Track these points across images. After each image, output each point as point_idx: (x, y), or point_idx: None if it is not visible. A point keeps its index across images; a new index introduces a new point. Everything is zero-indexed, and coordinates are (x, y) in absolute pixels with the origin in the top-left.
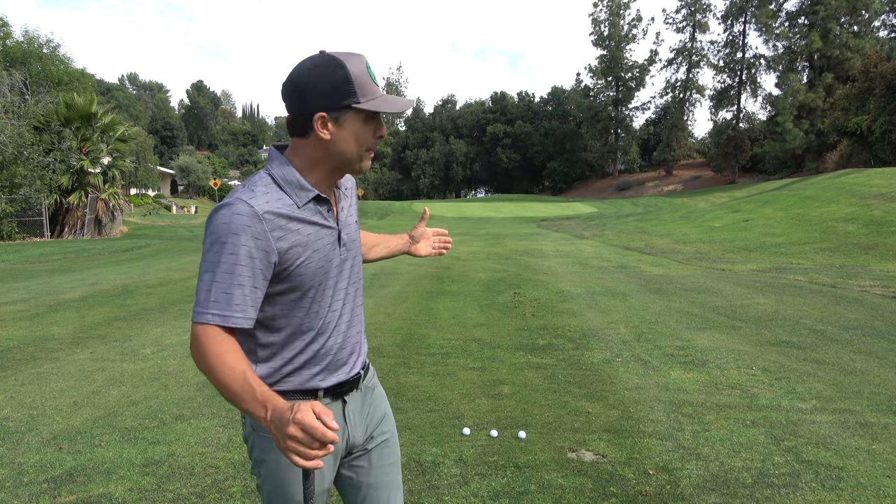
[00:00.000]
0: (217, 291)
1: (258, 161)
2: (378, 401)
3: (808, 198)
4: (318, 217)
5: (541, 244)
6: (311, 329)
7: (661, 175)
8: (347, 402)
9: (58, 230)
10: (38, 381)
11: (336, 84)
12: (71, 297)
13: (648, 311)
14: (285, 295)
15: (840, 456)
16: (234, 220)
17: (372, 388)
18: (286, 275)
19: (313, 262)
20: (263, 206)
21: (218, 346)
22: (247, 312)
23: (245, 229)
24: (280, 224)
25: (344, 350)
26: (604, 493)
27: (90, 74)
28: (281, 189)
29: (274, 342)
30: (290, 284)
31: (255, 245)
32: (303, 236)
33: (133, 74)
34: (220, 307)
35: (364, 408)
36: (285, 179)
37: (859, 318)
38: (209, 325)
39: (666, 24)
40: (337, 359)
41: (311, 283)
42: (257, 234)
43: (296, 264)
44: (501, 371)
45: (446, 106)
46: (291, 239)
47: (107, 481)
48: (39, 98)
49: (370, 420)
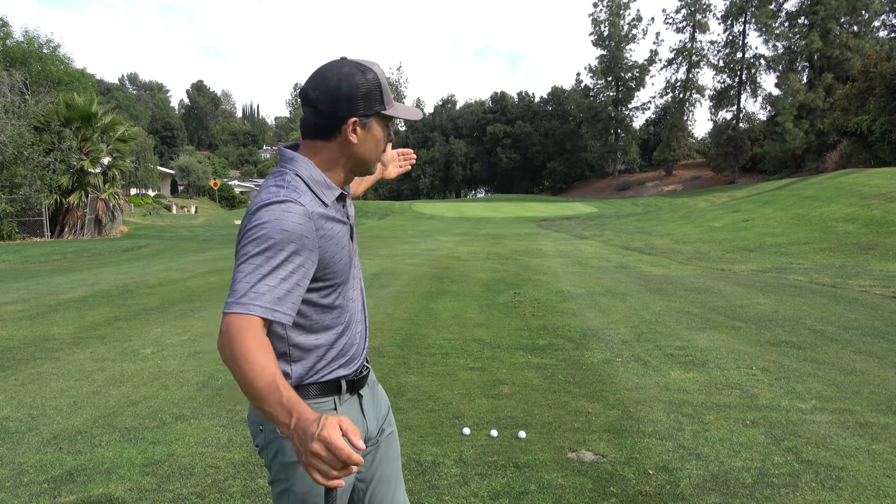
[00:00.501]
0: (263, 284)
1: (258, 161)
2: (382, 395)
3: (808, 198)
4: (340, 214)
5: (541, 244)
6: (341, 324)
7: (661, 175)
8: (363, 397)
9: (58, 230)
10: (38, 381)
11: (370, 91)
12: (71, 297)
13: (648, 311)
14: (321, 293)
15: (840, 456)
16: (287, 217)
17: (376, 381)
18: (324, 273)
19: (342, 259)
20: (311, 206)
21: (252, 339)
22: (289, 308)
23: (297, 227)
24: (321, 224)
25: (360, 341)
26: (604, 493)
27: (90, 74)
28: (310, 189)
29: (308, 341)
30: (326, 282)
31: (307, 244)
32: (335, 234)
33: (133, 74)
34: (264, 300)
35: (374, 401)
36: (314, 180)
37: (859, 318)
38: (249, 315)
39: (666, 24)
40: (358, 349)
41: (342, 279)
42: (307, 234)
43: (332, 262)
44: (501, 371)
45: (446, 106)
46: (329, 237)
47: (107, 481)
48: (39, 98)
49: (379, 413)
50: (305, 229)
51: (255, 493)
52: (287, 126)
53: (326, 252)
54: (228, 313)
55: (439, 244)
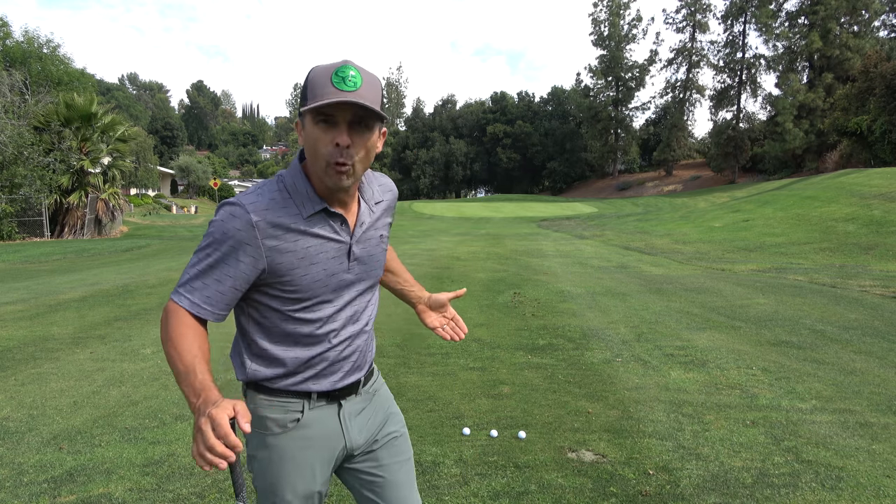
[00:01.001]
0: (198, 281)
1: (258, 161)
2: (382, 403)
3: (808, 198)
4: (325, 230)
5: (541, 244)
6: (307, 337)
7: (661, 175)
8: (343, 406)
9: (58, 230)
10: (38, 381)
11: (303, 89)
12: (71, 297)
13: (648, 311)
14: (283, 302)
15: (840, 456)
16: (230, 221)
17: (374, 392)
18: (280, 283)
19: (311, 275)
20: (262, 214)
21: (180, 326)
22: (217, 308)
23: (236, 232)
24: (276, 234)
25: (344, 361)
26: (604, 493)
27: (90, 74)
28: (290, 197)
29: (269, 346)
30: (286, 294)
31: (244, 250)
32: (301, 248)
33: (133, 74)
34: (195, 296)
35: (366, 412)
36: (294, 188)
37: (859, 318)
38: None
39: (666, 24)
40: (334, 367)
41: (309, 295)
42: (247, 240)
43: (290, 275)
44: (501, 371)
45: (446, 106)
46: (287, 249)
47: (107, 481)
48: (39, 98)
49: (372, 423)
50: (245, 235)
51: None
52: (287, 126)
53: (281, 263)
54: (170, 298)
55: (439, 244)
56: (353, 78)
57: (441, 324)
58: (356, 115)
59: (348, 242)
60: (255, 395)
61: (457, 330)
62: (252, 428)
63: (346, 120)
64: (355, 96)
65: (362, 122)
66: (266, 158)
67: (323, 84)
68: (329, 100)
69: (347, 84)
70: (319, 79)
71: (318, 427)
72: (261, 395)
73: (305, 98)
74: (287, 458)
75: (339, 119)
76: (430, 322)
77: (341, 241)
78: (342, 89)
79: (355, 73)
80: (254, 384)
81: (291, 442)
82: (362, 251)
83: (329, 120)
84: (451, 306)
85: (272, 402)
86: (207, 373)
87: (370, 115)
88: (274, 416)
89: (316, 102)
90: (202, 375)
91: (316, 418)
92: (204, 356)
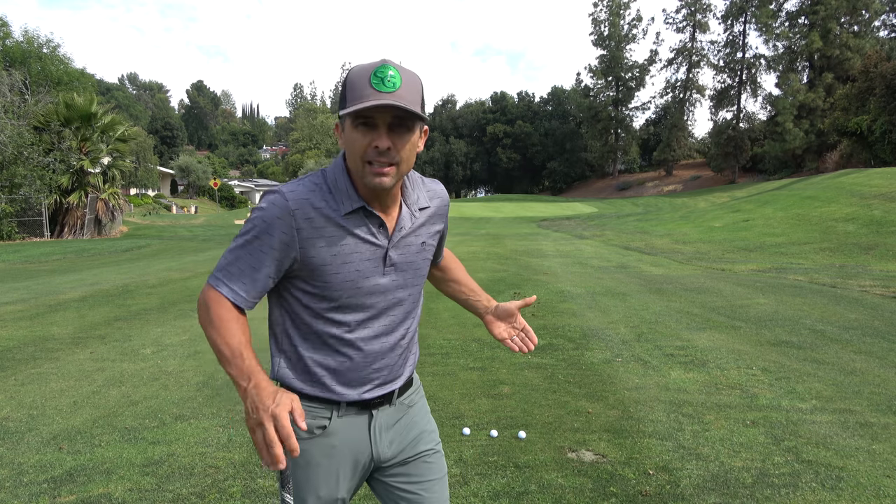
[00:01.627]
0: (235, 266)
1: (258, 161)
2: (416, 418)
3: (808, 198)
4: (361, 230)
5: (541, 244)
6: (334, 340)
7: (661, 175)
8: (375, 416)
9: (58, 230)
10: (38, 381)
11: (342, 90)
12: (71, 297)
13: (648, 311)
14: (313, 299)
15: (840, 456)
16: (269, 209)
17: (410, 405)
18: (312, 278)
19: (342, 274)
20: (300, 203)
21: (224, 310)
22: (251, 296)
23: (274, 220)
24: (311, 224)
25: (374, 372)
26: (604, 493)
27: (90, 74)
28: (330, 192)
29: (297, 344)
30: (317, 290)
31: (280, 238)
32: (335, 244)
33: (133, 74)
34: (233, 282)
35: (399, 424)
36: (335, 184)
37: (859, 318)
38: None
39: (666, 24)
40: (364, 376)
41: (339, 295)
42: (283, 228)
43: (320, 270)
44: (501, 371)
45: (446, 106)
46: (321, 242)
47: (107, 481)
48: (39, 98)
49: (404, 437)
50: (282, 223)
51: (255, 493)
52: (287, 126)
53: (313, 256)
54: (208, 282)
55: None
56: (392, 78)
57: (510, 335)
58: (396, 116)
59: (385, 246)
60: None
61: (526, 341)
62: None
63: (385, 122)
64: (394, 98)
65: (403, 124)
66: (266, 158)
67: (362, 86)
68: (368, 103)
69: (386, 85)
70: (358, 80)
71: (345, 436)
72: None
73: (345, 100)
74: (312, 465)
75: (378, 122)
76: (499, 333)
77: (377, 244)
78: (381, 90)
79: (394, 74)
80: (285, 387)
81: (317, 449)
82: (400, 257)
83: (369, 122)
84: (521, 316)
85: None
86: (254, 358)
87: (410, 115)
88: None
89: (355, 105)
90: (249, 361)
91: (344, 427)
92: (248, 342)
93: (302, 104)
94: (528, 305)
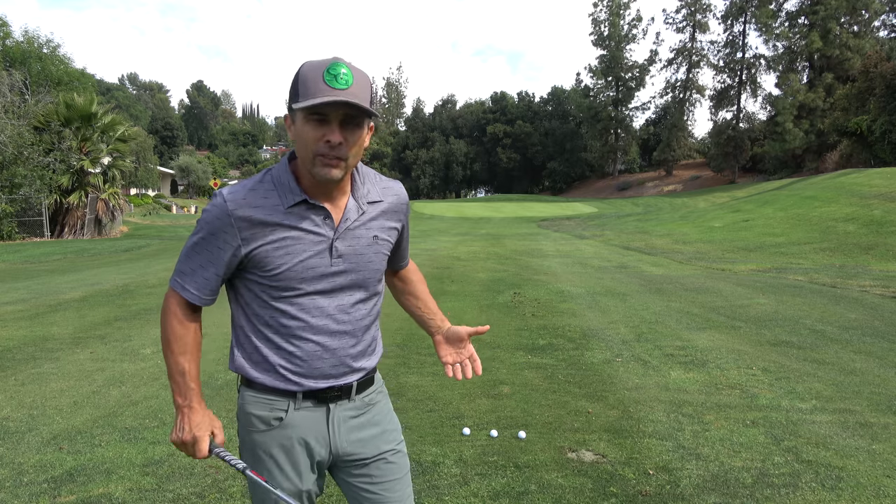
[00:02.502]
0: (186, 265)
1: (258, 161)
2: (378, 417)
3: (808, 198)
4: (305, 223)
5: (541, 244)
6: (284, 328)
7: (661, 175)
8: (332, 410)
9: (58, 230)
10: (38, 381)
11: (293, 84)
12: (71, 297)
13: (648, 311)
14: (263, 289)
15: (840, 456)
16: (210, 211)
17: (371, 403)
18: (259, 270)
19: (287, 265)
20: (238, 204)
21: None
22: (203, 293)
23: (215, 220)
24: (253, 221)
25: (324, 360)
26: (604, 493)
27: (90, 74)
28: (274, 188)
29: (251, 335)
30: (266, 281)
31: (223, 238)
32: (276, 238)
33: (133, 74)
34: (185, 280)
35: (358, 420)
36: (279, 180)
37: (859, 318)
38: (173, 289)
39: (666, 24)
40: (315, 367)
41: (286, 286)
42: (225, 229)
43: (266, 262)
44: (501, 371)
45: (446, 106)
46: (262, 239)
47: (107, 481)
48: (39, 98)
49: (364, 434)
50: (222, 224)
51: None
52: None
53: (257, 252)
54: (169, 283)
55: (439, 244)
56: (344, 76)
57: (453, 361)
58: (348, 113)
59: (330, 237)
60: (244, 391)
61: (466, 370)
62: (239, 424)
63: (337, 118)
64: (347, 95)
65: (353, 121)
66: (266, 158)
67: (315, 81)
68: (322, 98)
69: (339, 82)
70: (311, 75)
71: (302, 428)
72: (248, 391)
73: (297, 94)
74: (270, 456)
75: (331, 117)
76: (444, 356)
77: (322, 234)
78: (335, 87)
79: (347, 72)
80: (245, 380)
81: (274, 440)
82: (348, 248)
83: (321, 118)
84: (470, 343)
85: (258, 399)
86: (195, 378)
87: (361, 113)
88: (258, 413)
89: (308, 101)
90: (191, 380)
91: (301, 420)
92: (194, 353)
93: None
94: (479, 334)
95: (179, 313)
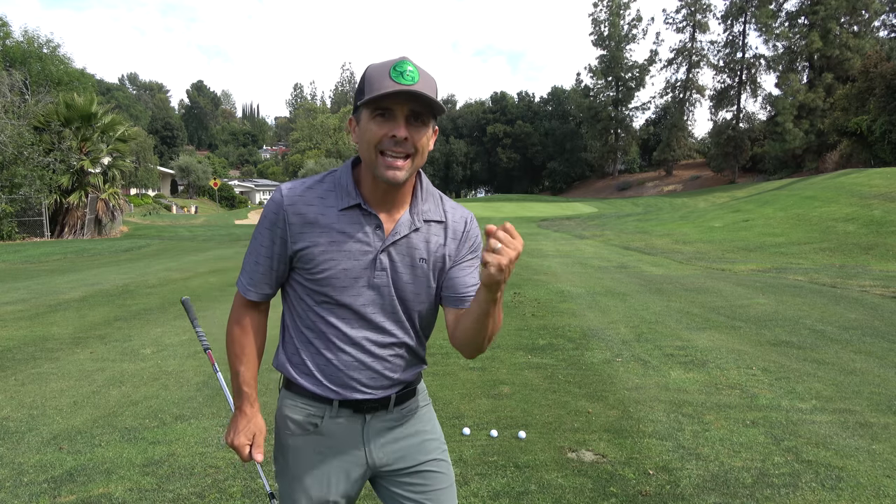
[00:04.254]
0: (247, 263)
1: (258, 161)
2: (420, 426)
3: (808, 198)
4: (354, 228)
5: (541, 244)
6: (321, 334)
7: (661, 175)
8: (368, 421)
9: (58, 230)
10: (38, 381)
11: (359, 85)
12: (71, 297)
13: (648, 311)
14: (306, 292)
15: (840, 456)
16: (268, 205)
17: (410, 413)
18: (306, 269)
19: (330, 270)
20: (293, 199)
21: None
22: (259, 288)
23: (270, 214)
24: (306, 219)
25: (361, 372)
26: (604, 493)
27: (90, 74)
28: (333, 189)
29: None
30: (308, 284)
31: (276, 232)
32: (324, 241)
33: (133, 74)
34: (244, 277)
35: (396, 431)
36: (339, 181)
37: (859, 318)
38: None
39: (666, 24)
40: (352, 377)
41: (327, 291)
42: (278, 223)
43: (312, 266)
44: (501, 371)
45: (446, 106)
46: (311, 239)
47: (107, 481)
48: (39, 98)
49: (402, 445)
50: (277, 217)
51: (255, 493)
52: (287, 126)
53: (306, 250)
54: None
55: None
56: (411, 73)
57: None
58: (413, 109)
59: (376, 248)
60: (284, 393)
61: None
62: (276, 425)
63: (403, 113)
64: (414, 89)
65: (419, 117)
66: (266, 158)
67: (380, 78)
68: (389, 89)
69: (406, 78)
70: (377, 74)
71: (336, 437)
72: (287, 393)
73: (362, 92)
74: (302, 462)
75: (396, 112)
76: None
77: (369, 244)
78: (401, 83)
79: (413, 69)
80: (286, 382)
81: (308, 447)
82: (392, 263)
83: (386, 113)
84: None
85: (295, 403)
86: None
87: (426, 110)
88: (294, 416)
89: (375, 93)
90: (243, 384)
91: (336, 429)
92: (250, 357)
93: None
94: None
95: (240, 316)
